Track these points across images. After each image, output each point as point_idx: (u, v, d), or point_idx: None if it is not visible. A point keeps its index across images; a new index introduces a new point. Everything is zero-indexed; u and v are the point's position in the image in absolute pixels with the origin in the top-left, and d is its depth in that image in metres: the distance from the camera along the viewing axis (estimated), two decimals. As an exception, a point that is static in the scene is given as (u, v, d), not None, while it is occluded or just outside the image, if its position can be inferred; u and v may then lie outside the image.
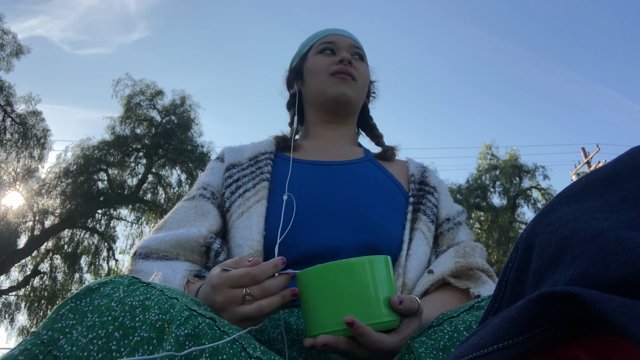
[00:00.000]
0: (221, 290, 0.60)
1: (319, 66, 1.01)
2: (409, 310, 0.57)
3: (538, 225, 0.33)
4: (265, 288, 0.59)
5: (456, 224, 0.92)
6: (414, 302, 0.58)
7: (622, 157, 0.34)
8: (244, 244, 0.81)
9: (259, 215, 0.83)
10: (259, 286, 0.59)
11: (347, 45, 1.04)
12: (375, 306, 0.55)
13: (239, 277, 0.59)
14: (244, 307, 0.58)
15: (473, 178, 14.20)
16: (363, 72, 1.03)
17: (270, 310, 0.59)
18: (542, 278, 0.30)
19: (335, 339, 0.54)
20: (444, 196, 0.98)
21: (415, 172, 1.01)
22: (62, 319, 0.50)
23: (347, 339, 0.55)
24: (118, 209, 11.29)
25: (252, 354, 0.49)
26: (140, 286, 0.54)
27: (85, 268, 10.81)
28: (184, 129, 11.45)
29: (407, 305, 0.57)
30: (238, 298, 0.58)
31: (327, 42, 1.04)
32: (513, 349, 0.27)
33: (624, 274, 0.24)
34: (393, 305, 0.56)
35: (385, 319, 0.55)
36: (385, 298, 0.56)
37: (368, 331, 0.53)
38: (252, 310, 0.58)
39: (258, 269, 0.60)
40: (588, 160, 15.29)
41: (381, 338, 0.55)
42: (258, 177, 0.91)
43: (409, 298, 0.57)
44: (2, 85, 9.87)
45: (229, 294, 0.59)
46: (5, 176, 10.02)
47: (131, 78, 11.56)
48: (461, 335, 0.52)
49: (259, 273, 0.59)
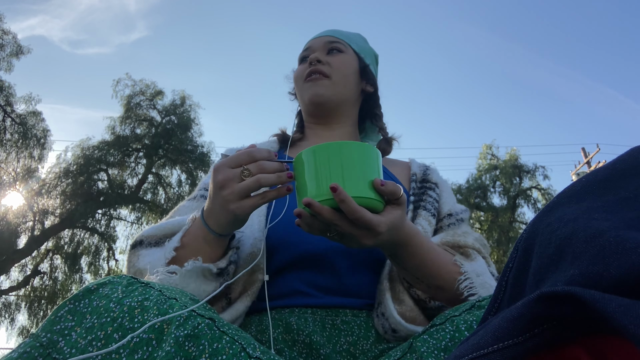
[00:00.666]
0: (221, 170, 0.65)
1: (296, 77, 1.04)
2: (392, 193, 0.61)
3: (538, 225, 0.33)
4: (261, 165, 0.64)
5: (458, 220, 0.90)
6: (397, 187, 0.61)
7: (622, 157, 0.34)
8: (246, 241, 0.80)
9: (260, 214, 0.83)
10: (256, 163, 0.65)
11: (320, 45, 1.02)
12: (360, 183, 0.59)
13: (237, 155, 0.65)
14: (243, 182, 0.63)
15: (473, 178, 14.20)
16: (338, 64, 0.99)
17: (267, 183, 0.64)
18: (542, 278, 0.30)
19: (319, 205, 0.58)
20: (446, 193, 0.97)
21: (417, 171, 1.00)
22: (61, 321, 0.50)
23: (331, 209, 0.58)
24: (118, 209, 11.30)
25: (252, 354, 0.49)
26: (139, 287, 0.54)
27: (85, 268, 10.82)
28: (184, 129, 11.45)
29: (390, 188, 0.60)
30: (237, 175, 0.64)
31: (305, 49, 1.06)
32: (513, 349, 0.27)
33: (624, 274, 0.24)
34: (375, 186, 0.60)
35: (368, 195, 0.59)
36: (370, 180, 0.60)
37: (350, 199, 0.57)
38: (251, 183, 0.63)
39: (255, 149, 0.66)
40: (588, 160, 15.29)
41: (362, 209, 0.58)
42: None
43: (392, 183, 0.61)
44: (2, 85, 9.87)
45: (228, 172, 0.64)
46: (5, 176, 10.02)
47: (131, 78, 11.58)
48: (462, 335, 0.52)
49: (256, 151, 0.66)
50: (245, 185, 0.63)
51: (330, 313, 0.74)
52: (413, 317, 0.73)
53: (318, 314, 0.74)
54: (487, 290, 0.71)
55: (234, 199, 0.64)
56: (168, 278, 0.68)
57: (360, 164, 0.61)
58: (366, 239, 0.61)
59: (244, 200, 0.64)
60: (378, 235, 0.61)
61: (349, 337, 0.72)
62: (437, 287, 0.72)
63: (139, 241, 0.80)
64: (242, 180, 0.64)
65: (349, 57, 1.02)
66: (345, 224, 0.59)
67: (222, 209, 0.66)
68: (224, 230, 0.69)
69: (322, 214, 0.58)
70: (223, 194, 0.64)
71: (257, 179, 0.63)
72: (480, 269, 0.74)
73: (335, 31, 1.06)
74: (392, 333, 0.71)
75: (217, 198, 0.66)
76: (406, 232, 0.67)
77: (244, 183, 0.63)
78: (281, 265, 0.79)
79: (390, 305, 0.72)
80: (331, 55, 1.01)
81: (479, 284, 0.71)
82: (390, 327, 0.71)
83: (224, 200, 0.64)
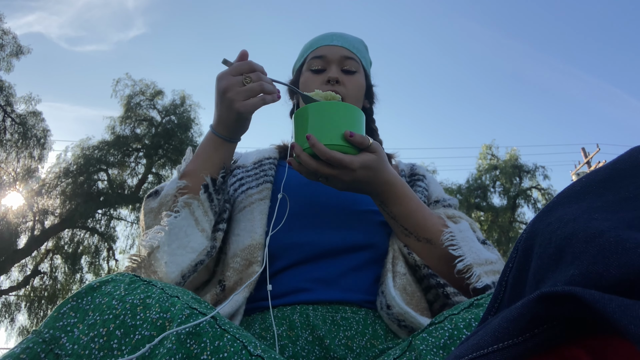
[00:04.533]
0: (225, 77, 0.77)
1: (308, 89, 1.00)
2: (360, 143, 0.72)
3: (538, 225, 0.33)
4: (260, 75, 0.78)
5: (446, 205, 0.95)
6: (365, 138, 0.73)
7: (622, 157, 0.34)
8: (244, 234, 0.82)
9: (262, 212, 0.85)
10: (256, 73, 0.77)
11: (337, 58, 0.99)
12: (334, 134, 0.72)
13: (239, 65, 0.78)
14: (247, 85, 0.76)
15: (473, 178, 14.20)
16: (352, 86, 0.99)
17: (267, 88, 0.77)
18: (542, 278, 0.30)
19: (300, 150, 0.73)
20: (433, 184, 1.03)
21: (405, 168, 1.08)
22: (63, 318, 0.50)
23: (309, 155, 0.72)
24: (118, 209, 11.29)
25: (253, 352, 0.50)
26: (141, 284, 0.54)
27: (85, 268, 10.81)
28: (184, 129, 11.44)
29: (357, 138, 0.72)
30: (239, 81, 0.76)
31: (318, 56, 1.00)
32: (513, 349, 0.27)
33: (624, 274, 0.24)
34: (345, 136, 0.72)
35: (339, 142, 0.72)
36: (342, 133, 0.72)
37: (320, 144, 0.70)
38: (255, 85, 0.76)
39: (255, 62, 0.78)
40: (588, 160, 15.29)
41: (332, 151, 0.70)
42: (262, 179, 0.93)
43: (360, 135, 0.73)
44: (2, 85, 9.87)
45: (231, 79, 0.76)
46: (5, 176, 10.02)
47: (131, 78, 11.57)
48: (461, 333, 0.52)
49: (255, 63, 0.78)
50: (249, 87, 0.76)
51: (330, 309, 0.76)
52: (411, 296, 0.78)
53: (319, 310, 0.76)
54: (467, 244, 0.78)
55: (239, 98, 0.75)
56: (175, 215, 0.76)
57: (336, 119, 0.73)
58: (344, 176, 0.73)
59: (247, 100, 0.76)
60: (353, 172, 0.73)
61: (347, 332, 0.74)
62: (426, 240, 0.80)
63: (154, 191, 0.85)
64: (244, 85, 0.76)
65: (361, 78, 1.02)
66: (323, 166, 0.72)
67: (228, 110, 0.77)
68: (232, 132, 0.81)
69: (301, 158, 0.72)
70: (228, 95, 0.75)
71: (260, 83, 0.76)
72: (463, 227, 0.82)
73: (348, 41, 1.03)
74: (386, 309, 0.75)
75: (223, 102, 0.77)
76: (388, 174, 0.78)
77: (248, 85, 0.76)
78: (283, 267, 0.81)
79: (390, 282, 0.78)
80: (345, 74, 0.99)
81: (461, 238, 0.78)
82: (385, 303, 0.75)
83: (229, 101, 0.76)
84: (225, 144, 0.81)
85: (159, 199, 0.81)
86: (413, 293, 0.79)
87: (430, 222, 0.81)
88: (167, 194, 0.80)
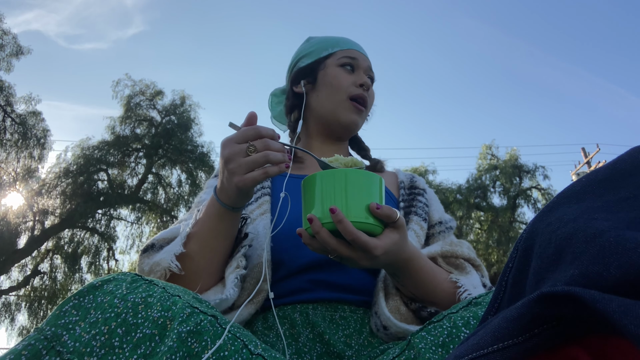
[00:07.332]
0: (228, 145, 0.69)
1: (340, 83, 0.98)
2: (387, 216, 0.64)
3: (538, 225, 0.33)
4: (267, 143, 0.68)
5: (448, 228, 0.95)
6: (393, 211, 0.65)
7: (622, 157, 0.34)
8: (252, 253, 0.81)
9: (265, 227, 0.83)
10: (262, 140, 0.68)
11: (366, 67, 1.02)
12: (360, 208, 0.63)
13: (245, 131, 0.69)
14: (249, 157, 0.67)
15: (473, 178, 14.19)
16: (372, 98, 1.04)
17: (274, 159, 0.67)
18: (542, 278, 0.30)
19: (319, 225, 0.62)
20: (434, 200, 1.02)
21: (404, 179, 1.06)
22: (65, 315, 0.50)
23: (328, 232, 0.63)
24: (118, 209, 11.29)
25: (254, 350, 0.50)
26: (143, 283, 0.55)
27: (85, 268, 10.81)
28: (184, 129, 11.44)
29: (385, 211, 0.64)
30: (243, 150, 0.68)
31: (350, 56, 1.01)
32: (513, 349, 0.27)
33: (624, 274, 0.24)
34: (371, 209, 0.63)
35: (366, 220, 0.63)
36: (368, 205, 0.63)
37: (346, 221, 0.61)
38: (258, 157, 0.67)
39: (262, 127, 0.70)
40: (588, 160, 15.29)
41: (358, 232, 0.61)
42: (259, 192, 0.92)
43: (387, 207, 0.64)
44: (2, 86, 9.87)
45: (234, 147, 0.68)
46: (5, 176, 10.03)
47: (131, 78, 11.57)
48: (460, 331, 0.53)
49: (262, 128, 0.69)
50: (252, 160, 0.67)
51: (329, 308, 0.77)
52: (405, 316, 0.77)
53: (318, 309, 0.77)
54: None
55: (239, 172, 0.67)
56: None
57: (362, 190, 0.64)
58: (364, 260, 0.65)
59: (247, 174, 0.67)
60: (375, 259, 0.64)
61: (345, 330, 0.75)
62: (431, 303, 0.77)
63: (150, 245, 0.81)
64: (248, 155, 0.67)
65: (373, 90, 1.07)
66: (343, 247, 0.64)
67: (228, 182, 0.70)
68: (234, 202, 0.73)
69: (319, 234, 0.63)
70: (229, 167, 0.68)
71: (264, 154, 0.67)
72: (475, 281, 0.79)
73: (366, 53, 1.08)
74: (383, 330, 0.74)
75: (224, 171, 0.70)
76: (405, 257, 0.70)
77: (251, 157, 0.67)
78: (286, 274, 0.81)
79: (382, 303, 0.76)
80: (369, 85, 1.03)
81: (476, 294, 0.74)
82: (381, 324, 0.74)
83: (229, 173, 0.69)
84: (228, 212, 0.74)
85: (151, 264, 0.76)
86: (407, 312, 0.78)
87: (439, 289, 0.76)
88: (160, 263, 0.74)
